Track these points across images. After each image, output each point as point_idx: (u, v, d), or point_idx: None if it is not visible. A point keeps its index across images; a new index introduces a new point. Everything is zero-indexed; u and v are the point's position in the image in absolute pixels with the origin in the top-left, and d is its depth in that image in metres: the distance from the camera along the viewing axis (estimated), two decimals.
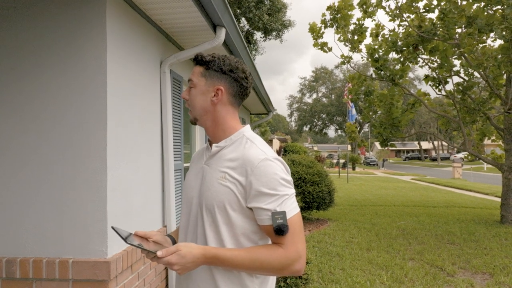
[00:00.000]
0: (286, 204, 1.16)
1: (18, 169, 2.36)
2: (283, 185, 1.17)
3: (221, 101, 1.28)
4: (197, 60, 1.31)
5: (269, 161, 1.19)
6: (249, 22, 17.96)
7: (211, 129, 1.31)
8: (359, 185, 16.96)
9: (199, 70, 1.30)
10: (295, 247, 1.15)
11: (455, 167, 22.57)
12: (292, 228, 1.15)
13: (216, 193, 1.20)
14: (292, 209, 1.17)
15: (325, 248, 5.64)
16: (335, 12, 8.54)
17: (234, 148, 1.25)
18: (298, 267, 1.16)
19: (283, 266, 1.15)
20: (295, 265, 1.15)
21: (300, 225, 1.18)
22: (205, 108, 1.29)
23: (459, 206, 10.41)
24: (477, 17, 6.73)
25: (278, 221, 1.13)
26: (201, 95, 1.28)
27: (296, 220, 1.17)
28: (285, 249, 1.14)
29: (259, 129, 21.13)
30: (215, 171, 1.24)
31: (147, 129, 3.03)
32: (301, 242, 1.17)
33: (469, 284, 4.22)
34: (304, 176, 7.48)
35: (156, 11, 2.94)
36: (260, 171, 1.16)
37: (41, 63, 2.37)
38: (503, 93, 7.78)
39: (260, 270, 1.16)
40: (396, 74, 8.24)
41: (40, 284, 2.28)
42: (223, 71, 1.28)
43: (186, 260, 1.09)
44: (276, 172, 1.18)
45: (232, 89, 1.29)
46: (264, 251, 1.15)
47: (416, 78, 48.89)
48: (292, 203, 1.18)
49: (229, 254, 1.14)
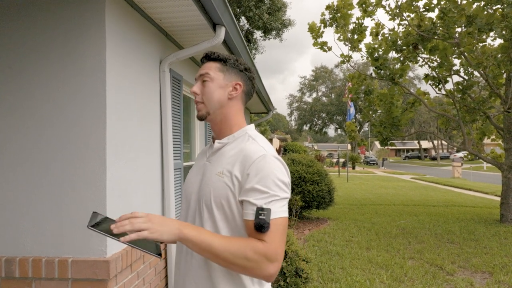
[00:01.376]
0: (275, 205, 1.12)
1: (17, 168, 2.36)
2: (277, 186, 1.14)
3: (237, 96, 1.31)
4: (210, 57, 1.33)
5: (268, 158, 1.17)
6: (249, 21, 17.95)
7: (219, 125, 1.31)
8: (359, 184, 16.96)
9: (215, 65, 1.31)
10: (275, 246, 1.09)
11: (455, 166, 22.57)
12: (274, 229, 1.10)
13: (214, 189, 1.19)
14: (280, 212, 1.13)
15: (325, 247, 5.64)
16: (335, 11, 8.54)
17: (235, 145, 1.25)
18: (271, 269, 1.08)
19: (257, 262, 1.07)
20: (269, 266, 1.08)
21: (283, 230, 1.13)
22: (221, 102, 1.29)
23: (458, 205, 10.41)
24: (477, 16, 6.72)
25: (260, 217, 1.09)
26: (220, 89, 1.29)
27: (280, 223, 1.12)
28: (264, 244, 1.09)
29: (259, 128, 21.13)
30: (215, 167, 1.23)
31: (147, 128, 3.03)
32: (280, 246, 1.11)
33: (468, 283, 4.22)
34: (304, 175, 7.48)
35: (155, 9, 2.93)
36: (257, 166, 1.14)
37: (40, 61, 2.36)
38: (502, 92, 7.78)
39: (232, 259, 1.07)
40: (396, 73, 8.24)
41: (40, 283, 2.28)
42: (240, 68, 1.33)
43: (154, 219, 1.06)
44: (273, 171, 1.15)
45: (247, 87, 1.35)
46: (244, 240, 1.11)
47: (416, 77, 48.88)
48: (282, 206, 1.14)
49: (205, 231, 1.11)
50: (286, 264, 3.32)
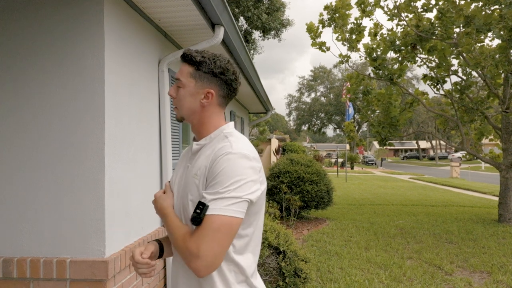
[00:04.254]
0: (221, 203, 1.08)
1: (15, 168, 2.35)
2: (231, 184, 1.10)
3: (210, 103, 1.26)
4: (185, 58, 1.25)
5: (230, 156, 1.13)
6: (248, 21, 17.95)
7: (196, 127, 1.30)
8: (357, 184, 16.97)
9: (188, 70, 1.25)
10: (197, 243, 1.08)
11: (453, 166, 22.62)
12: (206, 225, 1.07)
13: (190, 191, 1.20)
14: (222, 210, 1.08)
15: (323, 247, 5.64)
16: (333, 11, 8.54)
17: (211, 145, 1.24)
18: (193, 264, 1.08)
19: (184, 251, 1.11)
20: (192, 260, 1.08)
21: (218, 229, 1.07)
22: (193, 110, 1.26)
23: (457, 205, 10.43)
24: (475, 17, 6.74)
25: (197, 210, 1.09)
26: (190, 97, 1.25)
27: (214, 221, 1.07)
28: (190, 238, 1.11)
29: (258, 128, 21.11)
30: (192, 169, 1.24)
31: (145, 128, 3.02)
32: (206, 243, 1.07)
33: (467, 283, 4.23)
34: (303, 175, 7.48)
35: (154, 9, 2.93)
36: (219, 164, 1.13)
37: (38, 62, 2.36)
38: (501, 93, 7.79)
39: (178, 247, 1.15)
40: (394, 74, 8.24)
41: (38, 284, 2.27)
42: (214, 73, 1.24)
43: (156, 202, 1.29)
44: (232, 169, 1.11)
45: (222, 91, 1.27)
46: (183, 230, 1.16)
47: (414, 78, 48.94)
48: (229, 205, 1.08)
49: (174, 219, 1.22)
50: (285, 264, 3.32)
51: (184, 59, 1.26)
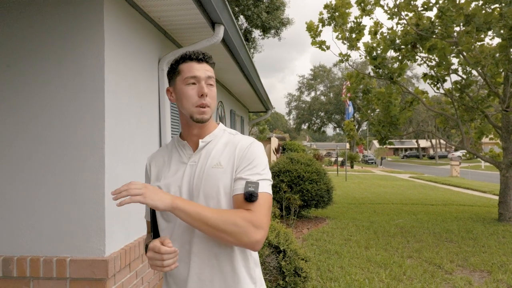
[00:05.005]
0: (263, 182, 1.21)
1: (16, 168, 2.35)
2: (265, 168, 1.25)
3: None
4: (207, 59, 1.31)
5: (257, 144, 1.29)
6: (248, 20, 17.93)
7: (206, 126, 1.34)
8: (357, 183, 16.98)
9: (212, 71, 1.32)
10: (261, 215, 1.16)
11: (453, 165, 22.62)
12: (261, 201, 1.18)
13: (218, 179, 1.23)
14: (267, 188, 1.21)
15: (323, 246, 5.64)
16: (333, 10, 8.53)
17: (217, 141, 1.32)
18: (258, 235, 1.14)
19: (244, 228, 1.13)
20: (256, 232, 1.13)
21: (269, 205, 1.21)
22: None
23: (457, 204, 10.43)
24: (475, 15, 6.73)
25: (250, 188, 1.17)
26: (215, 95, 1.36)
27: (266, 198, 1.20)
28: (251, 213, 1.15)
29: (257, 127, 21.10)
30: (208, 162, 1.27)
31: (145, 127, 3.02)
32: (266, 215, 1.18)
33: (467, 282, 4.23)
34: (303, 174, 7.47)
35: (154, 8, 2.92)
36: (250, 152, 1.25)
37: (38, 62, 2.35)
38: (501, 91, 7.79)
39: (221, 226, 1.12)
40: (394, 72, 8.23)
41: (38, 283, 2.27)
42: None
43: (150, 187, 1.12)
44: (261, 156, 1.27)
45: None
46: (232, 210, 1.18)
47: (414, 76, 48.93)
48: (269, 185, 1.23)
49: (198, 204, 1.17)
50: (285, 263, 3.32)
51: (206, 60, 1.31)
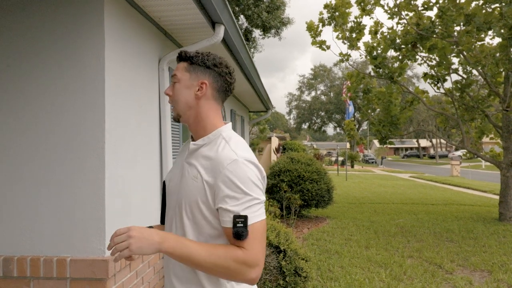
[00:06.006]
0: (251, 209, 1.13)
1: (16, 167, 2.35)
2: (251, 189, 1.14)
3: (205, 95, 1.27)
4: (180, 56, 1.31)
5: (239, 163, 1.15)
6: (248, 19, 17.92)
7: (193, 126, 1.30)
8: (357, 183, 16.97)
9: (183, 65, 1.29)
10: (255, 252, 1.11)
11: (453, 165, 22.61)
12: (253, 235, 1.12)
13: (190, 191, 1.20)
14: (256, 216, 1.13)
15: (324, 246, 5.64)
16: (333, 10, 8.52)
17: (210, 147, 1.24)
18: (253, 274, 1.11)
19: (239, 270, 1.10)
20: (251, 272, 1.11)
21: (262, 233, 1.14)
22: (189, 103, 1.27)
23: (457, 203, 10.43)
24: (475, 15, 6.72)
25: (238, 225, 1.10)
26: (185, 89, 1.27)
27: (258, 227, 1.13)
28: (244, 252, 1.11)
29: (258, 127, 21.11)
30: (191, 169, 1.23)
31: (146, 127, 3.02)
32: (260, 250, 1.13)
33: (467, 282, 4.23)
34: (303, 173, 7.47)
35: (154, 8, 2.92)
36: (228, 172, 1.14)
37: (39, 63, 2.35)
38: (501, 91, 7.78)
39: (214, 267, 1.10)
40: (394, 72, 8.23)
41: (38, 282, 2.27)
42: (207, 65, 1.27)
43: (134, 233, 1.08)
44: (246, 175, 1.14)
45: (216, 83, 1.29)
46: (223, 249, 1.12)
47: (414, 76, 48.89)
48: (258, 209, 1.14)
49: (186, 241, 1.12)
50: (285, 263, 3.32)
51: (179, 57, 1.31)
